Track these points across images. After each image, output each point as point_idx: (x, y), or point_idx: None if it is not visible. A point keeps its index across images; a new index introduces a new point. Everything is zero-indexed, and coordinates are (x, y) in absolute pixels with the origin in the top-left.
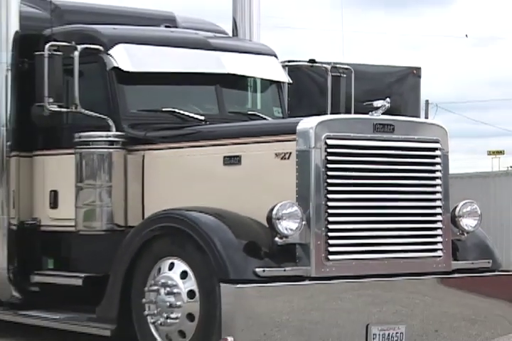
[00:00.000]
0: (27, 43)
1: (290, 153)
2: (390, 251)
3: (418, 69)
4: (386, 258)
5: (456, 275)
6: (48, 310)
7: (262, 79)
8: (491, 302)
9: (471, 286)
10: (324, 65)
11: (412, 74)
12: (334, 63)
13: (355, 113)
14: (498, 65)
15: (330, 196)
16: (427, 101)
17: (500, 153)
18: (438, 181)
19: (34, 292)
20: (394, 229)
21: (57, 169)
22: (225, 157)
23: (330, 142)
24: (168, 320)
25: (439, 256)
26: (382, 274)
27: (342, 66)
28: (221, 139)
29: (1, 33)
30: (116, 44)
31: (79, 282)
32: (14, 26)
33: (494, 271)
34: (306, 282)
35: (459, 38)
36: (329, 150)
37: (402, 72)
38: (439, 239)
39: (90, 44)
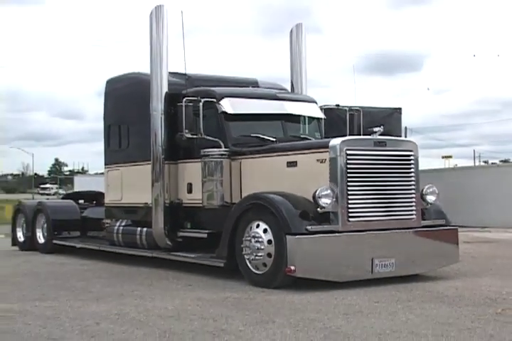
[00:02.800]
0: (172, 99)
1: (325, 159)
2: (385, 215)
3: (400, 109)
4: (383, 219)
5: (424, 229)
6: (187, 251)
7: (308, 116)
8: (444, 245)
9: (433, 235)
10: (344, 108)
11: (396, 112)
12: (350, 106)
13: (363, 135)
14: (448, 105)
15: (349, 184)
16: (405, 128)
17: (450, 157)
18: (412, 174)
19: (179, 241)
20: (387, 202)
21: (191, 170)
22: (287, 162)
23: (348, 152)
24: (256, 257)
25: (414, 218)
26: (381, 229)
27: (355, 108)
28: (285, 152)
29: (158, 93)
30: (224, 98)
31: (204, 235)
32: (165, 89)
33: (446, 226)
34: (336, 234)
35: (423, 90)
36: (348, 157)
37: (390, 111)
38: (413, 208)
39: (209, 98)
